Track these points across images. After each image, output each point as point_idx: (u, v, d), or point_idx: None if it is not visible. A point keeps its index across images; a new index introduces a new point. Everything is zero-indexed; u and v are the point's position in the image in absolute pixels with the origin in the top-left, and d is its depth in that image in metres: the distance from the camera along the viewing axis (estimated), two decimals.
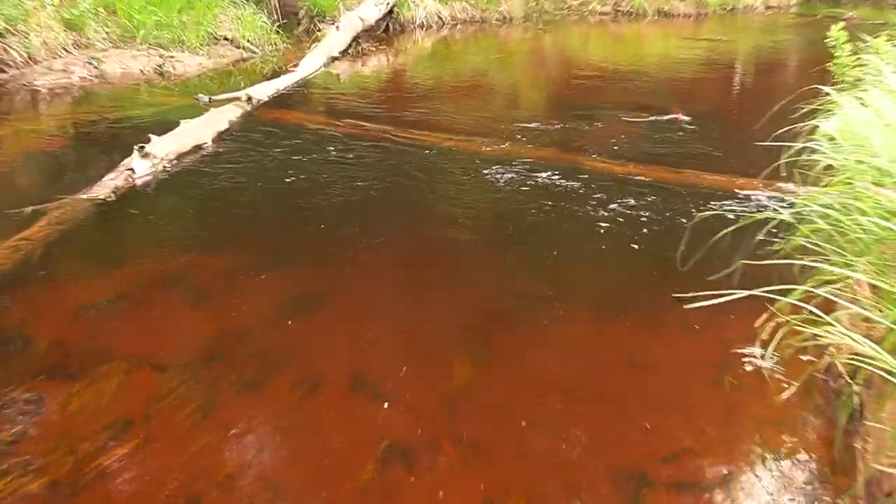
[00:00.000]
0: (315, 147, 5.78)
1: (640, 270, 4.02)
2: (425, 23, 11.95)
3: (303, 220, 4.60)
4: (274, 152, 5.64)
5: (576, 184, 5.07)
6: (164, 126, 5.79)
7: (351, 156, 5.58)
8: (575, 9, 14.20)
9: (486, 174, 5.24)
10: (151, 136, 5.30)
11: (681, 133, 6.42)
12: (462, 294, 3.76)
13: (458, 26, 12.43)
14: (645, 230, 4.42)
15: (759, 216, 3.35)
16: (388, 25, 11.25)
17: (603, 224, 4.48)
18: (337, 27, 9.78)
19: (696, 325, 3.47)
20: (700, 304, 2.65)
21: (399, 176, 5.22)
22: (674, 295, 3.33)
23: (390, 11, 11.16)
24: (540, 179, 5.14)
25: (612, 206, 4.73)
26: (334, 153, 5.64)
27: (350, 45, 9.95)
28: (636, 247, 4.23)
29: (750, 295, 2.70)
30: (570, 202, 4.78)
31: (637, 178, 5.24)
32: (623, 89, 8.31)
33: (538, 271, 3.99)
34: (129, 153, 5.20)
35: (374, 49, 10.30)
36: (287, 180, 5.07)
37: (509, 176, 5.20)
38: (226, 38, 9.69)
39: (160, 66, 8.52)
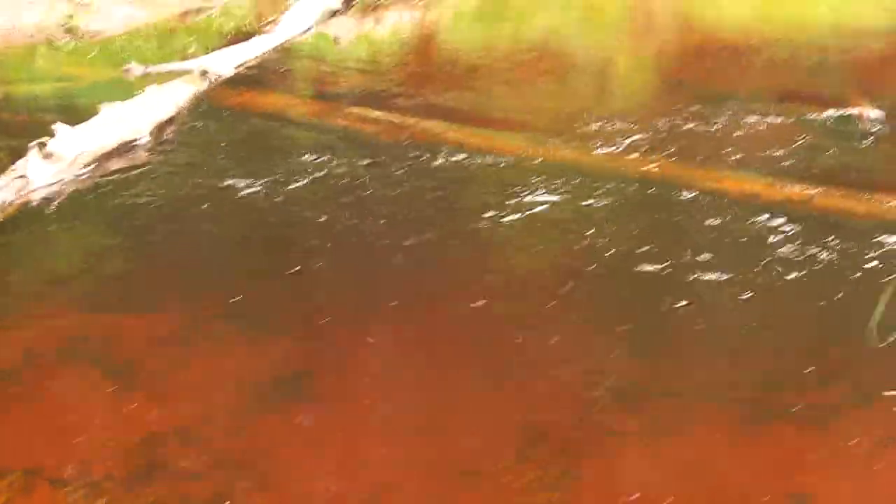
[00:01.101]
0: (301, 148, 5.83)
1: (805, 350, 3.99)
2: None
3: (280, 264, 4.62)
4: (240, 155, 5.69)
5: (699, 214, 5.05)
6: (76, 111, 5.88)
7: (353, 164, 5.62)
8: None
9: (558, 198, 5.24)
10: (57, 126, 5.37)
11: (868, 138, 6.40)
12: (520, 387, 3.75)
13: None
14: (812, 287, 4.39)
15: None
16: None
17: (743, 277, 4.46)
18: None
19: None
20: None
21: (425, 198, 5.24)
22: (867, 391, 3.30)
23: None
24: (640, 207, 5.13)
25: (757, 248, 4.69)
26: (329, 160, 5.67)
27: None
28: (799, 313, 4.20)
29: None
30: (689, 243, 4.76)
31: (797, 205, 5.22)
32: (774, 68, 8.30)
33: (641, 352, 3.96)
34: (19, 151, 5.26)
35: None
36: (258, 200, 5.11)
37: (594, 200, 5.19)
38: None
39: (68, 18, 8.67)
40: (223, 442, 3.37)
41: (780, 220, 5.01)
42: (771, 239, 4.83)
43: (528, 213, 5.13)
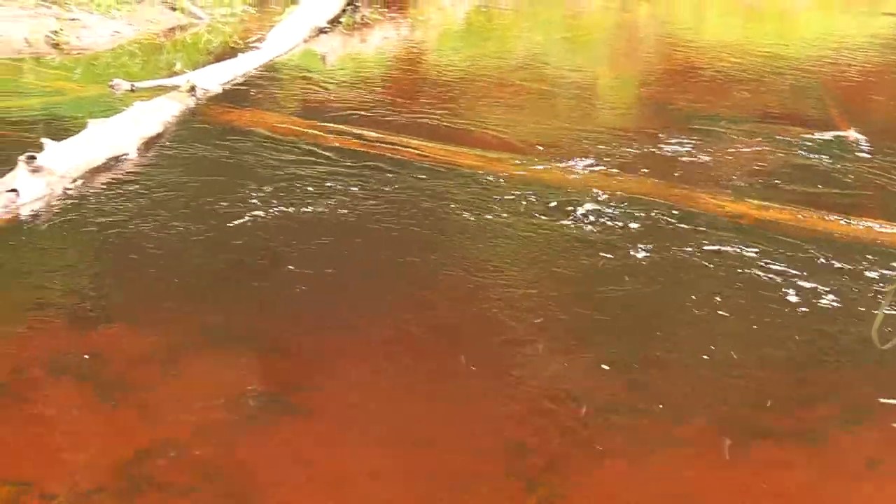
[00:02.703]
0: (289, 166, 5.84)
1: (794, 369, 4.01)
2: None
3: (267, 279, 4.64)
4: (227, 172, 5.69)
5: (688, 235, 5.07)
6: (62, 126, 5.88)
7: (342, 182, 5.63)
8: None
9: (549, 217, 5.26)
10: (45, 141, 5.37)
11: (850, 160, 6.44)
12: (510, 400, 3.75)
13: None
14: (800, 308, 4.40)
15: None
16: None
17: (731, 297, 4.47)
18: None
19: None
20: None
21: (413, 216, 5.25)
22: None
23: None
24: (631, 227, 5.15)
25: (745, 269, 4.72)
26: (317, 176, 5.69)
27: (344, 11, 10.11)
28: (788, 334, 4.22)
29: None
30: (679, 263, 4.78)
31: (781, 226, 5.25)
32: (759, 90, 8.37)
33: (631, 371, 3.97)
34: (6, 164, 5.26)
35: (379, 17, 10.47)
36: (245, 218, 5.11)
37: (584, 220, 5.21)
38: None
39: (55, 32, 8.69)
40: (211, 457, 3.36)
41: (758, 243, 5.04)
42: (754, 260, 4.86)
43: (510, 229, 5.16)
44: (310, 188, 5.52)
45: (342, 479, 3.33)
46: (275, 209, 5.22)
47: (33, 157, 5.17)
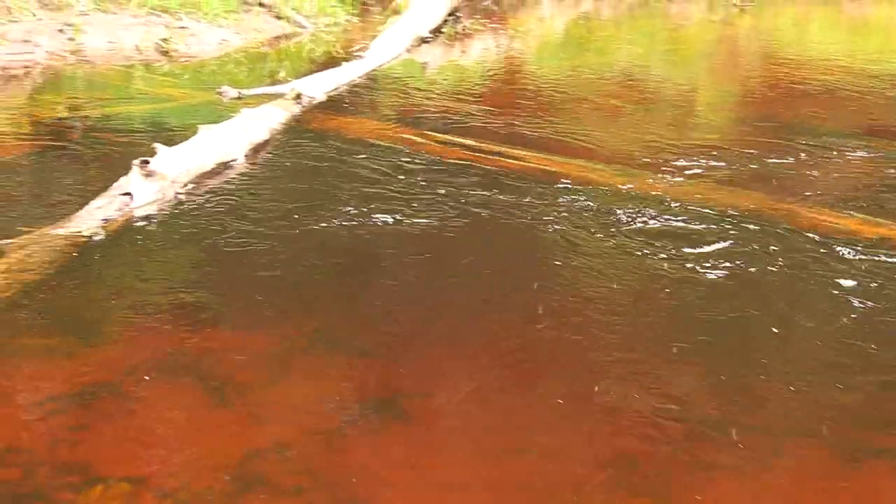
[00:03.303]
0: (392, 174, 5.88)
1: None
2: None
3: (371, 286, 4.67)
4: (332, 179, 5.76)
5: (795, 253, 4.99)
6: (172, 132, 5.99)
7: (444, 191, 5.64)
8: None
9: (651, 230, 5.22)
10: (158, 146, 5.48)
11: None
12: (615, 413, 3.74)
13: None
14: None
15: None
16: None
17: (846, 316, 4.39)
18: None
19: None
20: None
21: (516, 228, 5.24)
22: None
23: None
24: (732, 243, 5.09)
25: (860, 287, 4.63)
26: (420, 185, 5.72)
27: (445, 22, 10.16)
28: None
29: None
30: (784, 285, 4.71)
31: (892, 242, 5.16)
32: (864, 104, 8.23)
33: (741, 388, 3.92)
34: (119, 168, 5.37)
35: (480, 27, 10.50)
36: (353, 223, 5.16)
37: (682, 234, 5.16)
38: (261, 4, 10.05)
39: (164, 41, 8.86)
40: (319, 459, 3.40)
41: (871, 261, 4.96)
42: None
43: (618, 239, 5.13)
44: (412, 197, 5.55)
45: (450, 485, 3.34)
46: (378, 217, 5.25)
47: (146, 162, 5.27)
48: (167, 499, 3.15)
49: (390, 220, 5.23)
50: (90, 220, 4.91)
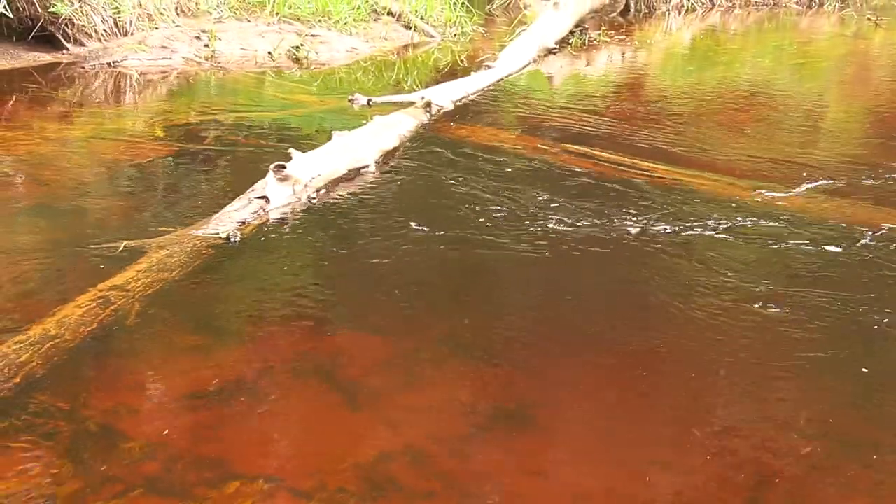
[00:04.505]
0: (519, 183, 5.88)
1: None
2: (686, 3, 12.03)
3: (495, 296, 4.70)
4: (460, 187, 5.78)
5: None
6: (303, 137, 6.07)
7: (572, 202, 5.61)
8: None
9: (788, 245, 5.14)
10: (293, 151, 5.56)
11: None
12: (747, 427, 3.68)
13: (736, 10, 12.43)
14: None
15: None
16: (628, 4, 11.40)
17: None
18: (555, 4, 10.02)
19: None
20: None
21: (642, 240, 5.20)
22: None
23: None
24: (872, 263, 4.99)
25: None
26: (547, 195, 5.69)
27: (572, 33, 10.15)
28: None
29: None
30: None
31: None
32: None
33: (877, 405, 3.86)
34: (253, 173, 5.48)
35: (606, 39, 10.46)
36: (485, 233, 5.16)
37: (823, 250, 5.08)
38: (390, 13, 10.16)
39: (296, 48, 9.01)
40: (449, 463, 3.41)
41: None
42: None
43: (740, 252, 5.07)
44: (539, 207, 5.54)
45: (579, 495, 3.33)
46: (503, 225, 5.27)
47: (282, 167, 5.35)
48: (301, 498, 3.19)
49: (516, 229, 5.24)
50: (228, 222, 5.00)
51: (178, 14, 9.10)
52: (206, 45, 8.81)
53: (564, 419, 3.74)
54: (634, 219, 5.39)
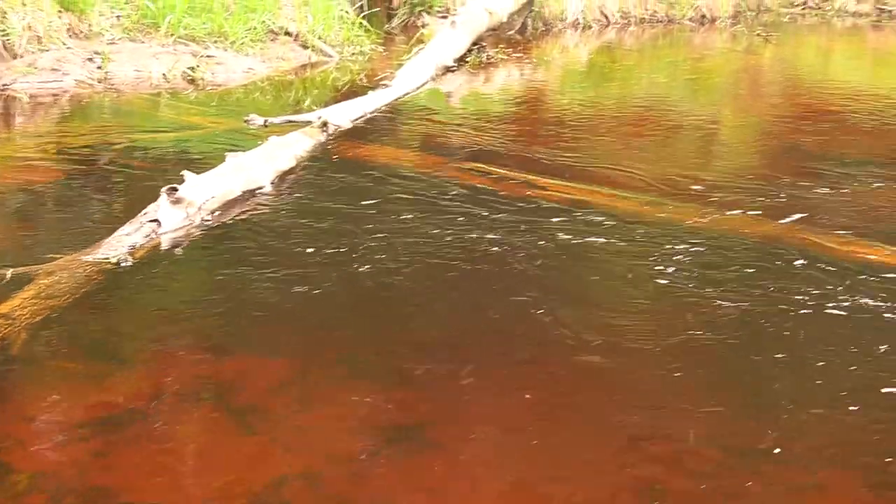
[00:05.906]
0: (423, 203, 5.86)
1: None
2: (582, 20, 12.16)
3: (397, 316, 4.67)
4: (361, 207, 5.74)
5: (827, 280, 4.96)
6: (199, 160, 6.00)
7: (472, 218, 5.62)
8: (813, 7, 14.20)
9: (673, 258, 5.18)
10: (186, 173, 5.48)
11: None
12: (642, 440, 3.71)
13: (631, 27, 12.60)
14: None
15: None
16: (525, 23, 11.48)
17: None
18: (453, 23, 10.05)
19: None
20: None
21: (548, 254, 5.22)
22: None
23: (531, 1, 11.41)
24: (758, 269, 5.07)
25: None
26: (447, 212, 5.69)
27: (470, 51, 10.19)
28: None
29: None
30: (814, 318, 4.66)
31: None
32: (887, 133, 8.21)
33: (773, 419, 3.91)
34: (147, 195, 5.37)
35: (504, 56, 10.52)
36: (380, 254, 5.13)
37: (706, 260, 5.14)
38: (287, 33, 10.12)
39: (192, 69, 8.92)
40: (345, 486, 3.38)
41: None
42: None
43: (643, 263, 5.10)
44: (439, 224, 5.52)
45: None
46: (405, 245, 5.25)
47: (174, 189, 5.28)
48: None
49: (414, 248, 5.22)
50: (118, 246, 4.91)
51: (69, 36, 8.94)
52: (99, 67, 8.67)
53: (466, 438, 3.72)
54: (532, 234, 5.41)
